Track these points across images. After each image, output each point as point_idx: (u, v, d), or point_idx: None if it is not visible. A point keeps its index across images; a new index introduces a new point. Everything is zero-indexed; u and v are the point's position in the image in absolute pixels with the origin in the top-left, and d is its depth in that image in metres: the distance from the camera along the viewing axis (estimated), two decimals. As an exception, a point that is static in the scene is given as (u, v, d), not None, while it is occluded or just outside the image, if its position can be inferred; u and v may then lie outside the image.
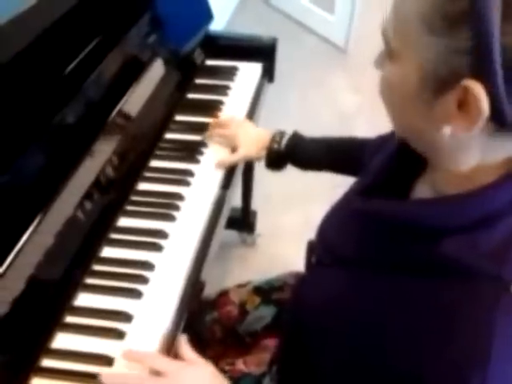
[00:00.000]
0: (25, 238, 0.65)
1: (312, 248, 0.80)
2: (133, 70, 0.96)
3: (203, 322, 0.95)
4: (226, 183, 1.00)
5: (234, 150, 1.03)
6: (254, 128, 1.06)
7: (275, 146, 0.99)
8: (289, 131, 1.02)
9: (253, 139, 1.02)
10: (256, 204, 1.73)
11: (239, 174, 1.15)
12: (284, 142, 0.99)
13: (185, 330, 0.77)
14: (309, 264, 0.83)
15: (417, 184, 0.62)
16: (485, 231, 0.49)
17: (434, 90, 0.46)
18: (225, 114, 1.12)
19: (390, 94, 0.52)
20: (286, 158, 1.00)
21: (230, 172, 1.03)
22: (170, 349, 0.73)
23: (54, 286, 0.74)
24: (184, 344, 0.72)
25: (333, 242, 0.68)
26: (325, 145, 0.99)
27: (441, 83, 0.45)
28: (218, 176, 0.99)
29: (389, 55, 0.51)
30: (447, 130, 0.47)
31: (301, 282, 0.77)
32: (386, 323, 0.53)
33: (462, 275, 0.49)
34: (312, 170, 1.01)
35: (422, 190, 0.60)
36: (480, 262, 0.48)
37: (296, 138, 0.99)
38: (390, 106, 0.54)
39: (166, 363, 0.67)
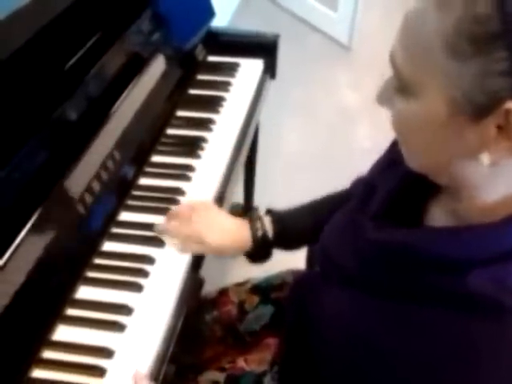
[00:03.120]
0: (25, 230, 0.66)
1: (313, 249, 0.80)
2: (134, 66, 0.96)
3: (203, 321, 0.95)
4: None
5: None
6: (221, 218, 0.86)
7: (259, 233, 0.84)
8: (291, 129, 0.99)
9: (222, 240, 0.83)
10: (258, 200, 1.74)
11: (240, 169, 1.15)
12: (268, 227, 0.85)
13: (184, 324, 0.78)
14: (310, 264, 0.83)
15: (431, 207, 0.58)
16: None
17: (468, 119, 0.43)
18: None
19: (411, 132, 0.49)
20: (273, 244, 0.86)
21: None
22: (170, 339, 0.74)
23: (55, 279, 0.74)
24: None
25: (340, 261, 0.64)
26: (310, 212, 0.88)
27: (477, 110, 0.42)
28: (219, 172, 0.99)
29: (402, 90, 0.47)
30: (485, 158, 0.44)
31: (305, 292, 0.74)
32: (397, 353, 0.51)
33: (488, 310, 0.46)
34: (301, 245, 0.89)
35: (439, 216, 0.57)
36: (507, 296, 0.45)
37: (280, 219, 0.86)
38: (409, 145, 0.50)
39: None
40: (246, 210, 1.70)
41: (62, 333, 0.73)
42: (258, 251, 0.86)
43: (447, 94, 0.43)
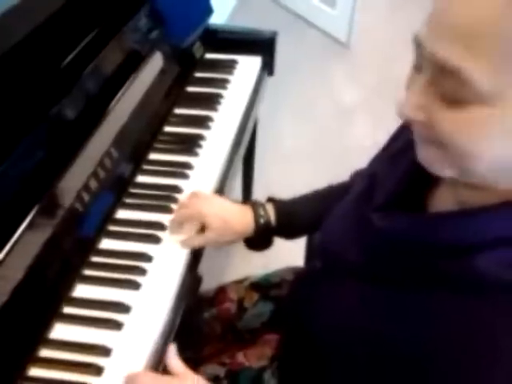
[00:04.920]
0: (22, 228, 0.66)
1: (312, 245, 0.80)
2: (131, 63, 0.96)
3: (202, 318, 0.95)
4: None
5: (203, 229, 0.84)
6: (223, 201, 0.87)
7: (262, 220, 0.84)
8: (289, 126, 0.98)
9: (224, 221, 0.82)
10: (257, 197, 1.73)
11: (239, 166, 1.15)
12: (271, 214, 0.85)
13: (181, 323, 0.77)
14: (309, 259, 0.83)
15: (436, 194, 0.58)
16: None
17: None
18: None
19: (476, 140, 0.43)
20: (275, 232, 0.86)
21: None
22: (168, 337, 0.74)
23: (52, 277, 0.74)
24: (172, 355, 0.69)
25: (343, 254, 0.64)
26: (313, 202, 0.87)
27: None
28: (217, 170, 0.99)
29: (461, 100, 0.42)
30: None
31: (306, 289, 0.73)
32: (409, 342, 0.51)
33: (497, 291, 0.46)
34: (302, 234, 0.89)
35: (445, 204, 0.56)
36: None
37: (283, 207, 0.86)
38: (469, 153, 0.44)
39: (151, 381, 0.66)
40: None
41: (59, 331, 0.73)
42: (259, 238, 0.86)
43: None
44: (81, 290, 0.78)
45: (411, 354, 0.50)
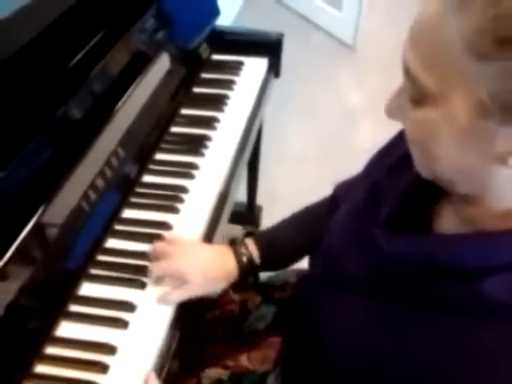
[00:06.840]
0: (29, 227, 0.66)
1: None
2: (138, 64, 0.96)
3: (206, 320, 0.95)
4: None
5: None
6: (200, 255, 0.81)
7: (245, 258, 0.81)
8: (294, 128, 0.97)
9: (204, 274, 0.77)
10: (261, 199, 1.73)
11: (244, 168, 1.15)
12: (253, 250, 0.82)
13: (186, 322, 0.78)
14: (313, 266, 0.82)
15: (441, 212, 0.58)
16: None
17: (497, 122, 0.41)
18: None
19: (432, 141, 0.46)
20: (260, 268, 0.84)
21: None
22: (173, 336, 0.75)
23: (58, 275, 0.74)
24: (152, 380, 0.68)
25: (346, 267, 0.64)
26: (295, 229, 0.86)
27: (506, 111, 0.40)
28: (223, 171, 1.00)
29: (419, 99, 0.45)
30: None
31: (308, 293, 0.73)
32: (410, 360, 0.51)
33: (503, 316, 0.46)
34: (289, 264, 0.88)
35: (450, 222, 0.56)
36: None
37: (264, 240, 0.84)
38: (430, 153, 0.47)
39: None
40: (249, 209, 1.71)
41: (66, 329, 0.73)
42: (245, 278, 0.83)
43: (473, 98, 0.41)
44: (87, 289, 0.78)
45: (413, 374, 0.50)
